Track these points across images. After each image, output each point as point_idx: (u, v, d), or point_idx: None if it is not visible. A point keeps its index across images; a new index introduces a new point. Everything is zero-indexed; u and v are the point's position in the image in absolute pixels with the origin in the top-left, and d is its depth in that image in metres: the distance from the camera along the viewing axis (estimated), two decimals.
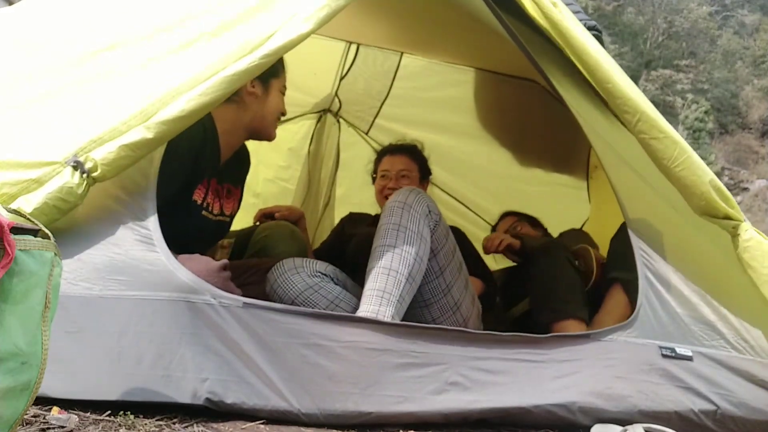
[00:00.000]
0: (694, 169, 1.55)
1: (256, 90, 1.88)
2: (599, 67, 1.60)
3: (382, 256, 1.65)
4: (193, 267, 1.43)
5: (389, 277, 1.63)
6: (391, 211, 1.72)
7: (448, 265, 1.82)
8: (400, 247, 1.66)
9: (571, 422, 1.52)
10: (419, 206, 1.73)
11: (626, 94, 1.58)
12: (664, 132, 1.56)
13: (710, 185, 1.54)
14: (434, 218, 1.77)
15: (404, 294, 1.64)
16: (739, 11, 25.87)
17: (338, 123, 3.47)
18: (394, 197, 1.77)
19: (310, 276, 1.73)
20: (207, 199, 1.86)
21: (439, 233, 1.79)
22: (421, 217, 1.72)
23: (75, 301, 1.31)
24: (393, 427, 1.42)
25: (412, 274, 1.67)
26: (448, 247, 1.83)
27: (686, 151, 1.56)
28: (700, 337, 1.68)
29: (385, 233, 1.69)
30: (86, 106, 1.43)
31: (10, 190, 1.29)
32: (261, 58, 1.43)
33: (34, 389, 0.95)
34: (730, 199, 1.56)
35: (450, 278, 1.82)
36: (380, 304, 1.59)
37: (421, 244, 1.70)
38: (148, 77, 1.47)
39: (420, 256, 1.69)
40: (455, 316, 1.85)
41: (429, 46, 2.86)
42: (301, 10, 1.48)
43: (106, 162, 1.33)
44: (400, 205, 1.73)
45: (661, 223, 1.78)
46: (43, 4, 1.79)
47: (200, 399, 1.33)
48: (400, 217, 1.70)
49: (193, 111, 1.39)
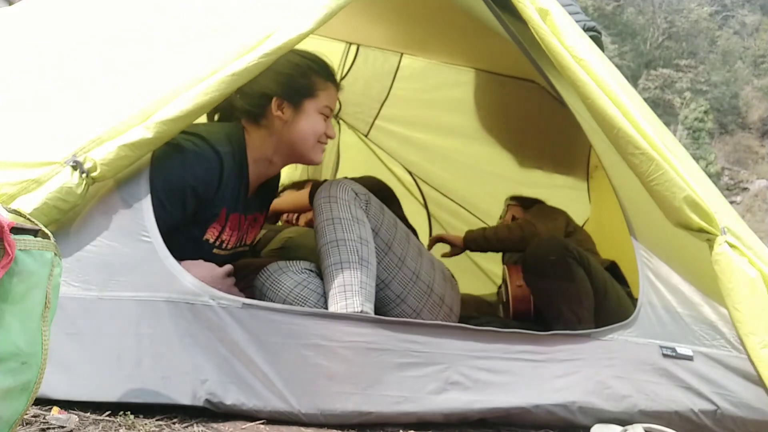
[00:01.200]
0: (668, 186, 1.60)
1: (283, 114, 1.72)
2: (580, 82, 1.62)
3: (329, 253, 1.65)
4: (198, 273, 1.42)
5: (343, 270, 1.62)
6: (320, 209, 1.71)
7: (393, 238, 1.81)
8: (342, 237, 1.66)
9: (571, 422, 1.52)
10: (344, 194, 1.72)
11: (605, 111, 1.60)
12: (641, 149, 1.60)
13: (684, 201, 1.60)
14: (363, 198, 1.76)
15: (364, 279, 1.64)
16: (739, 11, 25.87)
17: (338, 124, 3.47)
18: (318, 194, 1.75)
19: (297, 273, 1.71)
20: (222, 236, 1.72)
21: (374, 211, 1.78)
22: (349, 202, 1.71)
23: (75, 302, 1.31)
24: (393, 427, 1.43)
25: (363, 257, 1.66)
26: (387, 221, 1.82)
27: (662, 167, 1.60)
28: (701, 337, 1.68)
29: (322, 231, 1.68)
30: (85, 105, 1.43)
31: (9, 190, 1.29)
32: (260, 57, 1.43)
33: (34, 389, 0.95)
34: (707, 214, 1.61)
35: (400, 250, 1.81)
36: (346, 298, 1.59)
37: (360, 226, 1.69)
38: (147, 77, 1.47)
39: (363, 238, 1.69)
40: (418, 285, 1.84)
41: (429, 47, 2.86)
42: (301, 10, 1.48)
43: (106, 162, 1.33)
44: (326, 200, 1.72)
45: (661, 223, 1.78)
46: (43, 4, 1.79)
47: (200, 400, 1.33)
48: (330, 210, 1.69)
49: (192, 110, 1.39)
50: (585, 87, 1.60)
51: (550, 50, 1.62)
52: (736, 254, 1.60)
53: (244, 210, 1.77)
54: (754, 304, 1.57)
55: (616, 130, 1.61)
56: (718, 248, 1.60)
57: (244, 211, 1.77)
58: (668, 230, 1.72)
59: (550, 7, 1.62)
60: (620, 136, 1.61)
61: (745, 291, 1.57)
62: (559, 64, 1.63)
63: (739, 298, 1.57)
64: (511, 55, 1.95)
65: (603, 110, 1.60)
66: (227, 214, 1.69)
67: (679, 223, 1.64)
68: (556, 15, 1.62)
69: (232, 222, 1.73)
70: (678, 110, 22.39)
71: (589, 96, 1.61)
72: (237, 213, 1.74)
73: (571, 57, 1.60)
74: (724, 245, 1.60)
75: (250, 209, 1.81)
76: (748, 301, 1.57)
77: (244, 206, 1.77)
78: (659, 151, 1.61)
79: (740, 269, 1.58)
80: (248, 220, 1.83)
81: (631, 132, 1.60)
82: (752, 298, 1.57)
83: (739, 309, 1.57)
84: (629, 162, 1.64)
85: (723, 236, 1.60)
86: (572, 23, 1.67)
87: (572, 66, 1.60)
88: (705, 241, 1.64)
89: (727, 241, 1.60)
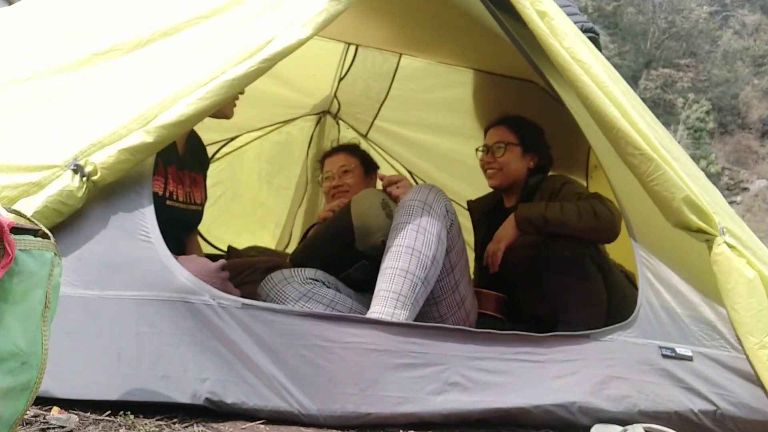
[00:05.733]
0: (667, 186, 1.60)
1: None
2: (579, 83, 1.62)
3: (400, 257, 1.64)
4: (192, 268, 1.43)
5: (405, 280, 1.61)
6: (410, 210, 1.69)
7: (458, 262, 1.82)
8: (419, 249, 1.64)
9: (571, 422, 1.52)
10: (438, 207, 1.71)
11: (604, 111, 1.60)
12: (640, 149, 1.60)
13: (683, 202, 1.60)
14: (450, 218, 1.76)
15: (419, 297, 1.64)
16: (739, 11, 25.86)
17: (338, 125, 3.47)
18: (413, 195, 1.73)
19: (302, 284, 1.71)
20: (168, 188, 1.83)
21: (454, 232, 1.78)
22: (440, 218, 1.70)
23: (75, 301, 1.31)
24: (393, 427, 1.43)
25: (428, 278, 1.66)
26: (459, 245, 1.82)
27: (660, 168, 1.60)
28: (700, 337, 1.68)
29: (404, 233, 1.66)
30: (86, 109, 1.44)
31: (10, 193, 1.29)
32: (260, 63, 1.44)
33: (34, 389, 0.95)
34: (706, 214, 1.61)
35: (459, 275, 1.82)
36: (395, 307, 1.59)
37: (439, 247, 1.68)
38: (147, 81, 1.47)
39: (437, 259, 1.68)
40: (460, 312, 1.85)
41: (428, 48, 2.86)
42: (300, 16, 1.48)
43: (106, 165, 1.34)
44: (420, 204, 1.69)
45: (660, 223, 1.78)
46: (43, 4, 1.79)
47: (200, 399, 1.33)
48: (420, 217, 1.68)
49: (192, 115, 1.40)
50: (585, 88, 1.61)
51: (550, 51, 1.63)
52: (734, 255, 1.60)
53: (179, 165, 1.88)
54: (753, 305, 1.58)
55: (615, 131, 1.61)
56: (716, 248, 1.61)
57: (179, 166, 1.88)
58: (668, 231, 1.72)
59: (548, 9, 1.62)
60: (619, 136, 1.61)
61: (743, 291, 1.58)
62: (558, 65, 1.64)
63: (738, 299, 1.58)
64: (510, 55, 1.95)
65: (602, 111, 1.61)
66: (164, 165, 1.79)
67: (678, 223, 1.64)
68: (554, 16, 1.63)
69: (172, 174, 1.83)
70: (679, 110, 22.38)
71: (589, 96, 1.61)
72: (173, 166, 1.84)
73: (570, 58, 1.61)
74: (723, 246, 1.60)
75: (185, 165, 1.92)
76: (747, 302, 1.57)
77: (179, 161, 1.88)
78: (658, 151, 1.61)
79: (738, 270, 1.59)
80: (187, 176, 1.93)
81: (630, 132, 1.60)
82: (750, 299, 1.58)
83: (737, 309, 1.58)
84: (628, 162, 1.65)
85: (722, 237, 1.61)
86: (570, 25, 1.68)
87: (572, 66, 1.61)
88: (704, 242, 1.64)
89: (725, 241, 1.61)
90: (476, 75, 2.88)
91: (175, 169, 1.88)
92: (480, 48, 2.54)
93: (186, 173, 1.95)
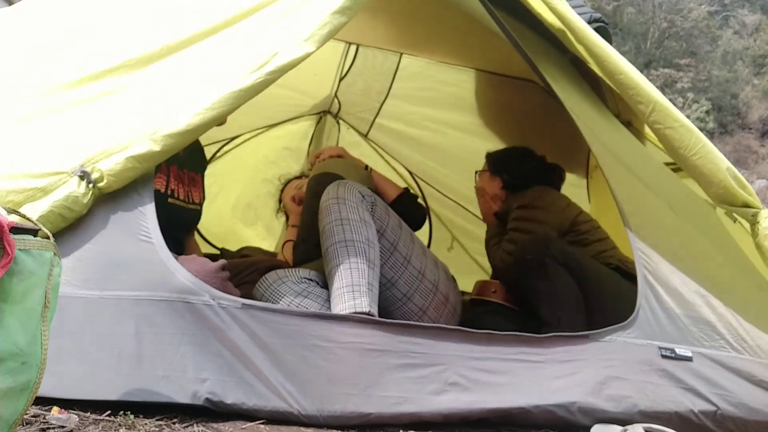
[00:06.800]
0: (711, 158, 1.55)
1: None
2: (609, 58, 1.60)
3: (336, 254, 1.67)
4: (192, 268, 1.43)
5: (351, 270, 1.64)
6: (328, 209, 1.74)
7: (398, 238, 1.83)
8: (350, 239, 1.68)
9: (571, 422, 1.52)
10: (351, 195, 1.75)
11: (639, 85, 1.58)
12: (679, 121, 1.56)
13: (727, 173, 1.55)
14: (369, 200, 1.79)
15: (371, 280, 1.66)
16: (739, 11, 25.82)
17: (338, 125, 3.47)
18: (325, 196, 1.77)
19: (297, 283, 1.73)
20: (170, 185, 1.87)
21: (379, 212, 1.80)
22: (357, 204, 1.74)
23: (75, 301, 1.31)
24: (393, 427, 1.43)
25: (371, 260, 1.68)
26: (392, 222, 1.84)
27: (702, 139, 1.56)
28: (700, 338, 1.68)
29: (330, 232, 1.70)
30: (94, 119, 1.45)
31: (15, 198, 1.30)
32: (266, 75, 1.46)
33: (34, 389, 0.95)
34: (747, 187, 1.56)
35: (405, 250, 1.84)
36: (353, 298, 1.60)
37: (368, 228, 1.72)
38: (156, 93, 1.49)
39: (370, 240, 1.71)
40: (423, 283, 1.86)
41: (428, 47, 2.86)
42: (304, 28, 1.50)
43: (113, 173, 1.36)
44: (333, 201, 1.74)
45: (659, 224, 1.78)
46: (43, 4, 1.79)
47: (200, 399, 1.33)
48: (338, 211, 1.72)
49: (199, 125, 1.42)
50: (615, 63, 1.57)
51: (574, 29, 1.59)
52: None
53: (179, 165, 1.92)
54: None
55: (653, 104, 1.56)
56: (765, 222, 1.54)
57: (180, 165, 1.92)
58: (667, 231, 1.72)
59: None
60: (657, 109, 1.56)
61: None
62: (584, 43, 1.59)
63: None
64: (510, 55, 1.94)
65: (637, 84, 1.56)
66: (167, 164, 1.82)
67: (724, 197, 1.56)
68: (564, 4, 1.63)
69: (174, 173, 1.87)
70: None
71: (622, 71, 1.57)
72: (175, 165, 1.88)
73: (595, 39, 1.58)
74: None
75: (185, 165, 1.97)
76: None
77: (179, 161, 1.91)
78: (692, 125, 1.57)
79: None
80: (186, 175, 1.97)
81: (669, 105, 1.56)
82: None
83: None
84: (668, 137, 1.58)
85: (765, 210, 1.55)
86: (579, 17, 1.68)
87: (598, 43, 1.58)
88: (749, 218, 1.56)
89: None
90: (477, 75, 2.88)
91: (176, 168, 1.90)
92: (480, 48, 2.54)
93: (185, 173, 1.98)
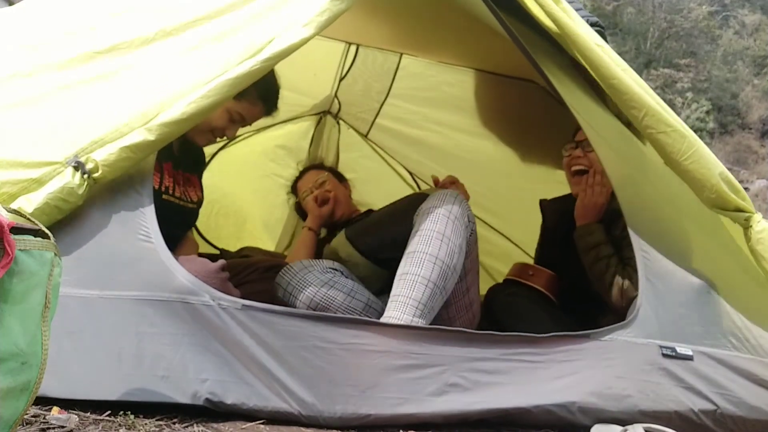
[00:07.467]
0: (703, 162, 1.54)
1: None
2: (603, 63, 1.60)
3: (422, 264, 1.64)
4: (191, 268, 1.43)
5: (426, 288, 1.62)
6: (435, 218, 1.70)
7: (471, 269, 1.85)
8: (442, 259, 1.66)
9: (571, 422, 1.51)
10: (462, 216, 1.73)
11: (631, 90, 1.58)
12: (672, 126, 1.56)
13: (720, 178, 1.54)
14: (471, 227, 1.78)
15: (436, 305, 1.66)
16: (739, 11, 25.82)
17: (338, 125, 3.47)
18: (437, 202, 1.73)
19: (323, 272, 1.73)
20: (165, 183, 1.86)
21: (472, 241, 1.80)
22: (462, 228, 1.72)
23: (75, 301, 1.31)
24: (393, 428, 1.42)
25: (447, 287, 1.68)
26: (474, 252, 1.84)
27: (694, 144, 1.55)
28: (701, 337, 1.68)
29: (428, 241, 1.67)
30: (88, 107, 1.44)
31: (10, 189, 1.29)
32: (262, 62, 1.44)
33: (34, 389, 0.95)
34: (740, 191, 1.56)
35: (470, 281, 1.85)
36: (413, 315, 1.60)
37: (459, 257, 1.70)
38: (150, 80, 1.47)
39: (456, 269, 1.70)
40: (467, 315, 1.88)
41: (429, 47, 2.86)
42: (302, 15, 1.48)
43: (107, 163, 1.34)
44: (445, 213, 1.71)
45: (661, 222, 1.77)
46: (43, 4, 1.79)
47: (200, 399, 1.33)
48: (445, 226, 1.69)
49: (194, 113, 1.40)
50: (609, 68, 1.57)
51: (569, 34, 1.59)
52: None
53: (174, 164, 1.93)
54: None
55: (645, 109, 1.56)
56: (758, 226, 1.54)
57: (174, 165, 1.93)
58: (669, 229, 1.72)
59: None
60: (650, 114, 1.55)
61: None
62: (579, 48, 1.59)
63: None
64: (510, 55, 1.94)
65: (630, 89, 1.56)
66: (160, 161, 1.81)
67: (716, 202, 1.56)
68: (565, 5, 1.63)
69: (168, 170, 1.88)
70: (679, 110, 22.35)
71: (615, 76, 1.57)
72: (169, 163, 1.89)
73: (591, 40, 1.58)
74: (764, 222, 1.54)
75: (179, 165, 1.97)
76: None
77: (174, 161, 1.92)
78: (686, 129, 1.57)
79: None
80: (181, 175, 1.98)
81: (660, 110, 1.56)
82: None
83: None
84: (661, 142, 1.58)
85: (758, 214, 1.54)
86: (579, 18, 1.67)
87: (594, 48, 1.57)
88: (742, 222, 1.56)
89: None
90: (477, 75, 2.88)
91: (170, 166, 1.90)
92: (481, 48, 2.54)
93: (180, 173, 1.98)
